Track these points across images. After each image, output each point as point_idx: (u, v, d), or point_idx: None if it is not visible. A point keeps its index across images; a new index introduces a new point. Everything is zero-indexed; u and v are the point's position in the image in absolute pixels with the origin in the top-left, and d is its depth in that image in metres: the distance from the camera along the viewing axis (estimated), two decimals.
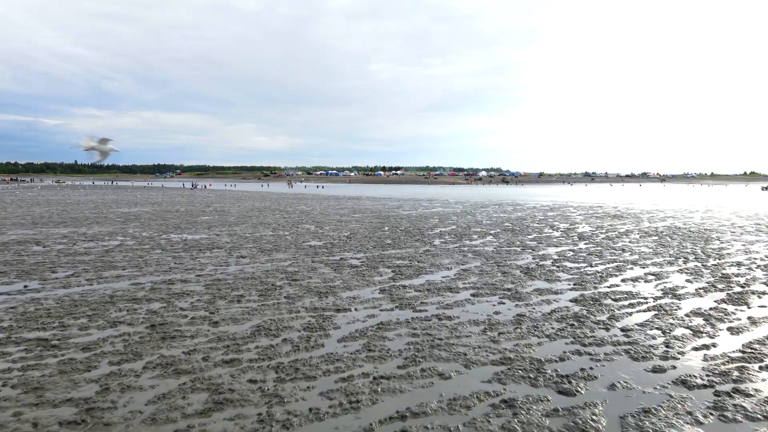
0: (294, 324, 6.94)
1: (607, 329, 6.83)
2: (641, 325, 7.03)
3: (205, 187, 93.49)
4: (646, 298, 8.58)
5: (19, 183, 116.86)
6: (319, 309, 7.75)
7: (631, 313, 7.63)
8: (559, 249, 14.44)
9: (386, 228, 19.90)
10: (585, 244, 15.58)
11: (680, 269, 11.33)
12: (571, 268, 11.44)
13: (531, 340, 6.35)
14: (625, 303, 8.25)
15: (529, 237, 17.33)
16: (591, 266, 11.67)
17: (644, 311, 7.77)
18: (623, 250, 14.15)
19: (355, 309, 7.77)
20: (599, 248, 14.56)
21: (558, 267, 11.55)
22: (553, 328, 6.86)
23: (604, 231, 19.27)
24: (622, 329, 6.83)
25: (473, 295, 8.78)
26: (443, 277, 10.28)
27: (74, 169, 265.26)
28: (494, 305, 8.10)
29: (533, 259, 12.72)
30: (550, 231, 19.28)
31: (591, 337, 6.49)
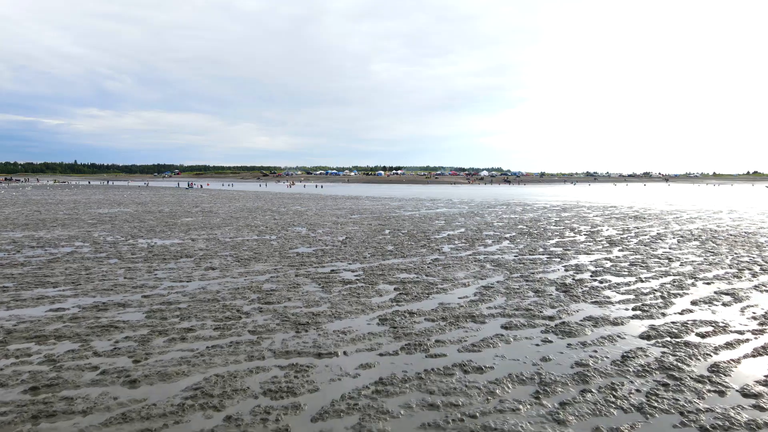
0: (251, 384, 4.67)
1: (721, 393, 4.56)
2: (766, 381, 4.76)
3: (201, 186, 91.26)
4: (741, 332, 6.31)
5: (9, 183, 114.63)
6: (292, 353, 5.48)
7: (737, 360, 5.36)
8: (593, 257, 12.16)
9: (387, 231, 17.64)
10: (620, 250, 13.30)
11: (756, 285, 9.05)
12: (618, 284, 9.16)
13: (615, 418, 4.08)
14: (719, 341, 5.98)
15: (551, 242, 15.05)
16: (642, 281, 9.38)
17: (753, 354, 5.50)
18: (669, 259, 11.87)
19: (344, 353, 5.50)
20: (639, 256, 12.27)
21: (601, 282, 9.27)
22: (638, 390, 4.59)
23: (633, 234, 16.98)
24: (743, 391, 4.56)
25: (505, 327, 6.51)
26: (461, 299, 8.00)
27: (74, 169, 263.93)
28: (537, 345, 5.83)
29: (566, 271, 10.44)
30: (573, 234, 16.99)
31: (705, 410, 4.21)
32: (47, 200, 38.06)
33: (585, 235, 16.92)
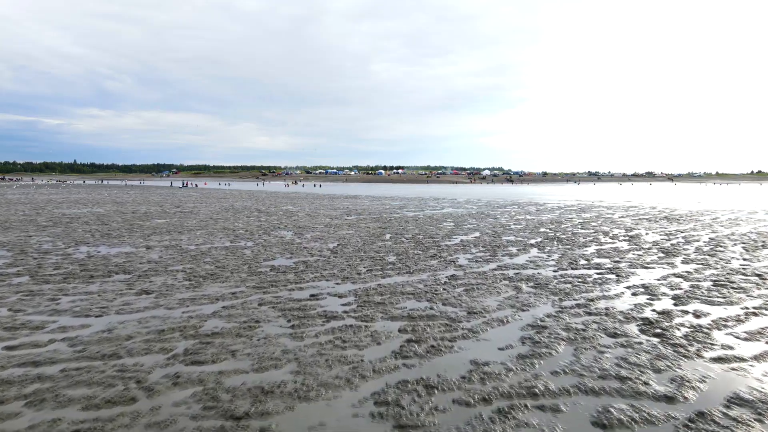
0: None
1: None
2: None
3: (196, 185, 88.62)
4: None
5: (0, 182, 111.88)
6: None
7: None
8: (657, 273, 9.31)
9: (388, 236, 14.80)
10: (683, 262, 10.45)
11: None
12: (725, 319, 6.30)
13: None
14: None
15: (589, 250, 12.21)
16: (755, 313, 6.53)
17: None
18: (759, 276, 9.02)
19: None
20: (716, 271, 9.42)
21: (697, 316, 6.42)
22: None
23: (682, 240, 14.13)
24: None
25: (600, 425, 3.65)
26: (502, 350, 5.16)
27: (73, 169, 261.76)
28: None
29: (634, 295, 7.59)
30: (610, 240, 14.14)
31: None
32: (20, 200, 35.24)
33: (625, 240, 14.06)
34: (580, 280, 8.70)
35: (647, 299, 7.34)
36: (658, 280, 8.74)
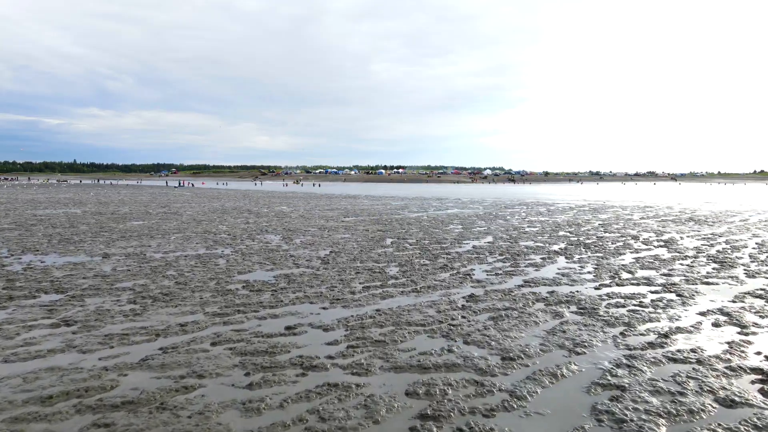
0: None
1: None
2: None
3: (193, 185, 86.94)
4: None
5: None
6: None
7: None
8: (729, 292, 7.42)
9: (389, 241, 12.92)
10: (748, 275, 8.57)
11: None
12: None
13: None
14: None
15: (626, 259, 10.34)
16: None
17: None
18: None
19: None
20: None
21: None
22: None
23: (726, 246, 12.24)
24: None
25: None
26: None
27: (73, 169, 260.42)
28: None
29: (716, 327, 5.71)
30: (645, 246, 12.26)
31: None
32: None
33: (661, 247, 12.18)
34: (635, 302, 6.81)
35: (739, 333, 5.46)
36: (734, 302, 6.85)
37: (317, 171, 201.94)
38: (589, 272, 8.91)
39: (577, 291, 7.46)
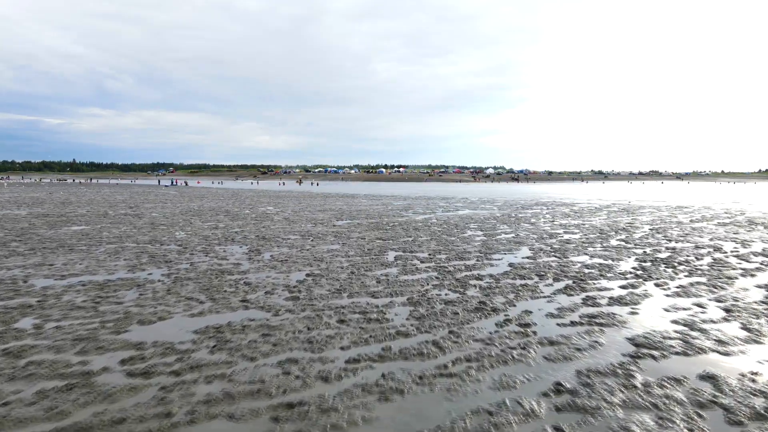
0: None
1: None
2: None
3: (186, 183, 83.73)
4: None
5: None
6: None
7: None
8: None
9: (392, 255, 9.48)
10: None
11: None
12: None
13: None
14: None
15: (748, 287, 6.89)
16: None
17: None
18: None
19: None
20: None
21: None
22: None
23: None
24: None
25: None
26: None
27: (73, 168, 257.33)
28: None
29: None
30: (752, 265, 8.81)
31: None
32: None
33: (764, 266, 8.73)
34: None
35: None
36: None
37: (317, 170, 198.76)
38: (724, 319, 5.46)
39: (728, 363, 4.02)
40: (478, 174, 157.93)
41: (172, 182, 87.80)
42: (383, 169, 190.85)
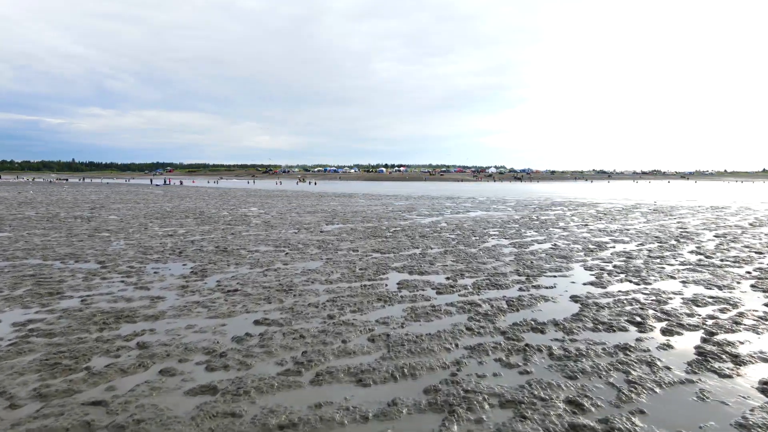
0: None
1: None
2: None
3: (181, 183, 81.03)
4: None
5: None
6: None
7: None
8: None
9: (394, 281, 6.52)
10: None
11: None
12: None
13: None
14: None
15: None
16: None
17: None
18: None
19: None
20: None
21: None
22: None
23: None
24: None
25: None
26: None
27: (71, 168, 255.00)
28: None
29: None
30: None
31: None
32: None
33: None
34: None
35: None
36: None
37: (316, 169, 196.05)
38: None
39: None
40: (479, 173, 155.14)
41: (165, 182, 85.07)
42: (383, 169, 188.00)
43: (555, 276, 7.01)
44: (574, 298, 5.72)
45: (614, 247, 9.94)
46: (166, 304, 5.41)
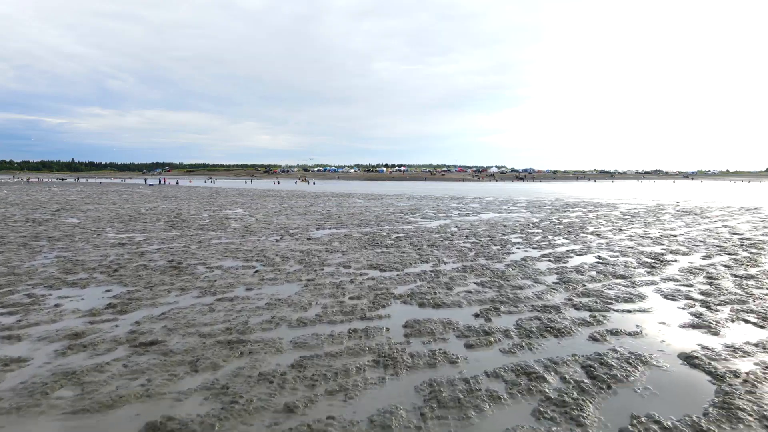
0: None
1: None
2: None
3: (177, 182, 79.19)
4: None
5: None
6: None
7: None
8: None
9: (399, 322, 4.39)
10: None
11: None
12: None
13: None
14: None
15: None
16: None
17: None
18: None
19: None
20: None
21: None
22: None
23: None
24: None
25: None
26: None
27: (71, 167, 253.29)
28: None
29: None
30: None
31: None
32: None
33: None
34: None
35: None
36: None
37: (315, 169, 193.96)
38: None
39: None
40: (481, 173, 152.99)
41: (160, 181, 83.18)
42: (384, 168, 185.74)
43: (630, 311, 4.88)
44: (690, 361, 3.58)
45: (676, 260, 7.81)
46: (13, 380, 3.25)
